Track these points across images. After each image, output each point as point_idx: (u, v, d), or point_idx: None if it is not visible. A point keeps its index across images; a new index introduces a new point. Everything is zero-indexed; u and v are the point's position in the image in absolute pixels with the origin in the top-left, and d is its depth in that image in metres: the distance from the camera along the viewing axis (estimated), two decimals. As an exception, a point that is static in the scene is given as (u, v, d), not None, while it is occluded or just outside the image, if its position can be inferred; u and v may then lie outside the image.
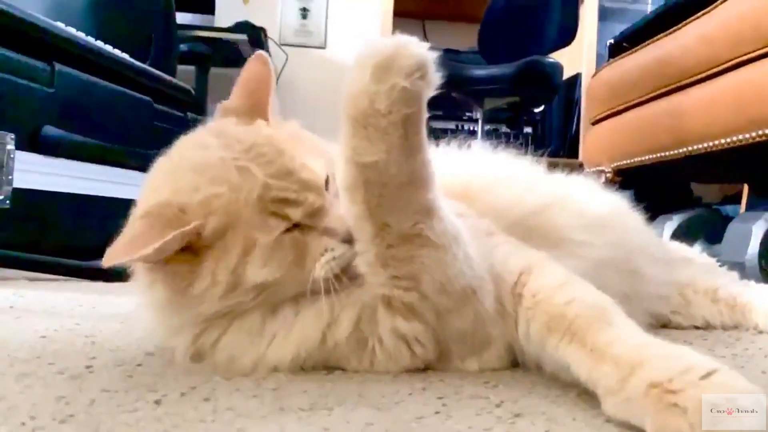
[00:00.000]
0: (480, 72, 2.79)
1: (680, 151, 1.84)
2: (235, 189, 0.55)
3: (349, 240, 0.56)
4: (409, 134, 0.50)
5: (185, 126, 0.68)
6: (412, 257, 0.54)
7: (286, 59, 3.60)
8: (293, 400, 0.50)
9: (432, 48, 0.50)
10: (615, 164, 2.24)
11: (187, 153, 0.60)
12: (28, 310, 0.94)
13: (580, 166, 2.61)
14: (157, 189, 0.58)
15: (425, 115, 0.52)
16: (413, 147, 0.51)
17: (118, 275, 1.30)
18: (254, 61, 0.66)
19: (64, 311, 0.94)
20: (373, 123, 0.49)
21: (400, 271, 0.55)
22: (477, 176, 0.74)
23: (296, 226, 0.56)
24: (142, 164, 0.62)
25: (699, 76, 1.76)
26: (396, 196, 0.52)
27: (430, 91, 0.51)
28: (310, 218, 0.57)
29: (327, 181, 0.59)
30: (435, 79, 0.50)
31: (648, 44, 2.09)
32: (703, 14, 1.77)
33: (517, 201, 0.71)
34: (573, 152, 3.70)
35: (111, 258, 0.52)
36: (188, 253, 0.55)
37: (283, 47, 3.64)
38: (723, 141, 1.64)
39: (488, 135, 3.14)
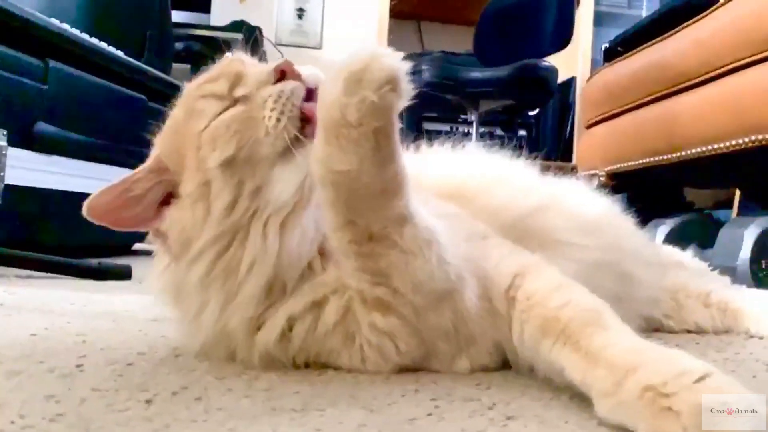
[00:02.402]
0: (475, 74, 2.79)
1: (673, 155, 1.85)
2: (179, 111, 0.63)
3: (281, 78, 0.59)
4: (381, 145, 0.50)
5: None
6: (379, 255, 0.54)
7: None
8: (285, 401, 0.50)
9: (405, 58, 0.50)
10: (608, 168, 2.25)
11: None
12: (18, 307, 0.94)
13: (573, 169, 2.62)
14: None
15: (398, 125, 0.51)
16: (386, 158, 0.51)
17: (110, 274, 1.30)
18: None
19: (55, 309, 0.93)
20: (344, 134, 0.49)
21: (366, 265, 0.55)
22: (473, 176, 0.74)
23: (236, 104, 0.59)
24: (135, 162, 0.64)
25: (693, 81, 1.77)
26: (367, 203, 0.52)
27: (402, 102, 0.51)
28: (239, 86, 0.60)
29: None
30: (407, 90, 0.50)
31: (643, 49, 2.10)
32: (699, 19, 1.78)
33: (514, 203, 0.71)
34: (566, 155, 3.72)
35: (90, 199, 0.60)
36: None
37: (278, 47, 3.64)
38: (716, 146, 1.65)
39: (482, 137, 3.14)
